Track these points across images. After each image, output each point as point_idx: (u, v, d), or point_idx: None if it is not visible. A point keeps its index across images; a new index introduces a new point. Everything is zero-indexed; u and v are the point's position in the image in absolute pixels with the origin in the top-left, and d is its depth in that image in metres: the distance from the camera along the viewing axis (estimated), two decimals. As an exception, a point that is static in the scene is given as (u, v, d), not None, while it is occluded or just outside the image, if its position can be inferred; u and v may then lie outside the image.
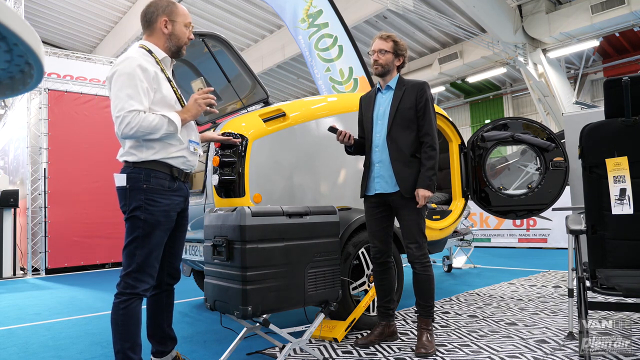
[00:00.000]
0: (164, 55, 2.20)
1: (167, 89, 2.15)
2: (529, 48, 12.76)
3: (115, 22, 15.19)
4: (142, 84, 2.02)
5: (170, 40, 2.20)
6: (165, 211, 2.13)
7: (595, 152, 2.40)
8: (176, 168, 2.16)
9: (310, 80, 15.91)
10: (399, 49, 2.79)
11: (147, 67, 2.06)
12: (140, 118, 1.98)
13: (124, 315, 2.05)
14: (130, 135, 2.01)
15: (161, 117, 2.04)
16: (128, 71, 2.02)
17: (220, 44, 3.40)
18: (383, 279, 2.85)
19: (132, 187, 2.08)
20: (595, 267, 2.36)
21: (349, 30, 6.01)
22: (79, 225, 7.35)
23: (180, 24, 2.19)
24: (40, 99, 7.38)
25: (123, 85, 2.00)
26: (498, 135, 4.18)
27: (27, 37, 0.59)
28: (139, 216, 2.07)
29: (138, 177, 2.08)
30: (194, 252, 3.50)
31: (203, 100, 2.17)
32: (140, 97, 2.01)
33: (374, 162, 2.79)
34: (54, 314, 4.14)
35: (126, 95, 1.99)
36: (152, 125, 2.01)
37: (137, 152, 2.10)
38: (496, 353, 2.53)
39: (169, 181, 2.14)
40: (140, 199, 2.07)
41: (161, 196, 2.11)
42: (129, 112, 1.97)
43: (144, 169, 2.09)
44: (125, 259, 2.09)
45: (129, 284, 2.07)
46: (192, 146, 2.24)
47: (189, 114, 2.15)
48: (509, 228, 8.42)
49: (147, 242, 2.08)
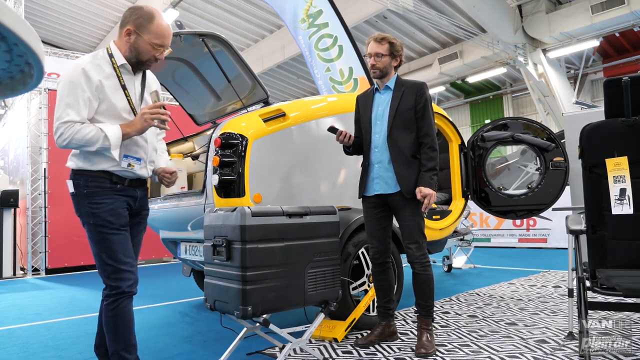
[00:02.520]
0: (123, 62, 2.09)
1: (119, 99, 2.06)
2: (529, 48, 12.77)
3: (115, 22, 15.18)
4: (83, 93, 1.96)
5: (130, 51, 2.08)
6: (111, 209, 2.07)
7: (595, 152, 2.40)
8: (115, 175, 2.09)
9: (310, 80, 15.91)
10: (395, 50, 2.76)
11: (91, 76, 1.98)
12: (74, 130, 1.93)
13: (114, 317, 2.04)
14: (64, 146, 1.96)
15: (98, 130, 1.96)
16: (71, 79, 1.96)
17: (220, 44, 3.40)
18: (382, 279, 2.85)
19: (76, 193, 2.07)
20: (595, 267, 2.36)
21: (349, 30, 6.02)
22: (79, 225, 7.16)
23: (145, 41, 2.05)
24: (40, 99, 7.38)
25: (64, 94, 1.95)
26: (498, 135, 4.18)
27: (27, 37, 0.59)
28: (87, 221, 2.07)
29: (78, 183, 2.06)
30: (194, 252, 3.50)
31: (150, 116, 2.03)
32: (79, 107, 1.95)
33: (373, 162, 2.78)
34: (54, 314, 4.14)
35: (65, 104, 1.94)
36: (85, 138, 1.94)
37: (75, 160, 2.08)
38: (496, 353, 2.53)
39: (109, 184, 2.08)
40: (85, 204, 2.05)
41: (103, 197, 2.06)
42: (63, 123, 1.92)
43: (82, 175, 2.06)
44: (98, 265, 2.08)
45: (112, 286, 2.05)
46: (126, 162, 2.10)
47: (133, 129, 2.04)
48: (509, 228, 8.42)
49: (107, 243, 2.05)
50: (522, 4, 12.52)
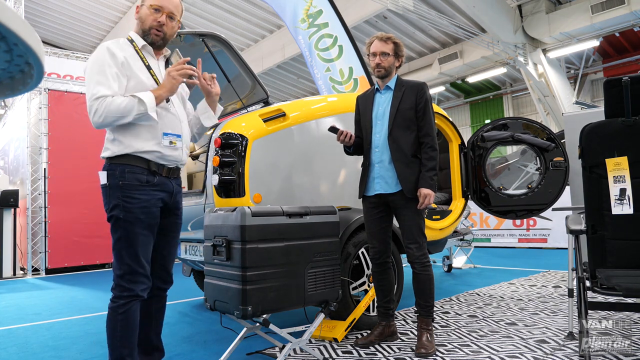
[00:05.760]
0: (143, 43, 2.11)
1: (146, 77, 2.06)
2: (529, 48, 12.76)
3: (115, 22, 15.19)
4: (110, 69, 1.95)
5: (137, 26, 2.12)
6: (144, 207, 2.01)
7: (595, 152, 2.40)
8: (154, 162, 2.04)
9: (310, 80, 15.91)
10: (399, 50, 2.79)
11: (116, 53, 1.99)
12: (107, 103, 1.90)
13: (123, 320, 1.97)
14: (101, 123, 1.92)
15: (130, 97, 1.94)
16: (96, 58, 1.97)
17: (220, 44, 3.39)
18: (382, 280, 2.85)
19: (110, 184, 1.99)
20: (595, 267, 2.36)
21: (349, 30, 6.02)
22: (79, 225, 7.34)
23: (145, 7, 2.09)
24: (40, 99, 7.38)
25: (92, 72, 1.95)
26: (498, 135, 4.18)
27: (27, 37, 0.59)
28: (117, 215, 1.98)
29: (114, 173, 1.99)
30: (194, 252, 3.50)
31: (177, 72, 2.03)
32: (109, 82, 1.93)
33: (373, 162, 2.79)
34: (54, 314, 4.14)
35: (95, 82, 1.93)
36: (120, 108, 1.91)
37: (110, 147, 2.02)
38: (496, 353, 2.53)
39: (146, 175, 2.02)
40: (118, 196, 1.97)
41: (139, 192, 2.00)
42: (96, 100, 1.90)
43: (119, 165, 1.99)
44: (115, 262, 2.01)
45: (125, 287, 1.98)
46: (167, 139, 2.07)
47: (164, 89, 2.02)
48: (509, 228, 8.42)
49: (132, 241, 1.99)
50: (522, 4, 12.52)
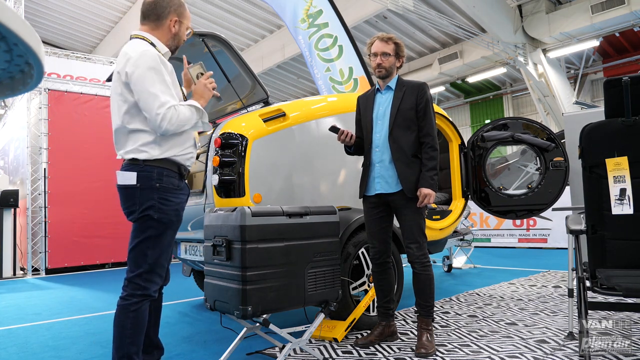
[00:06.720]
0: (166, 50, 2.14)
1: (177, 84, 2.15)
2: (529, 48, 12.76)
3: (115, 22, 15.19)
4: (167, 77, 2.01)
5: (173, 40, 2.16)
6: (176, 210, 2.09)
7: (595, 152, 2.40)
8: (183, 166, 2.13)
9: (310, 80, 15.91)
10: (400, 50, 2.80)
11: (164, 61, 2.04)
12: (176, 113, 1.96)
13: (135, 318, 1.97)
14: (172, 130, 1.98)
15: (188, 106, 2.03)
16: (153, 65, 1.96)
17: (220, 44, 3.39)
18: (382, 279, 2.85)
19: (143, 186, 1.99)
20: (595, 267, 2.36)
21: (349, 30, 6.02)
22: (79, 225, 7.35)
23: (184, 27, 2.18)
24: (40, 99, 7.38)
25: (154, 81, 1.95)
26: (498, 135, 4.18)
27: (27, 37, 0.59)
28: (152, 215, 2.00)
29: (150, 175, 2.00)
30: (194, 252, 3.50)
31: (210, 85, 2.15)
32: (170, 91, 1.99)
33: (374, 162, 2.79)
34: (54, 314, 4.14)
35: (160, 91, 1.95)
36: (186, 117, 2.00)
37: (149, 150, 2.02)
38: (496, 353, 2.53)
39: (177, 180, 2.11)
40: (154, 198, 2.00)
41: (173, 195, 2.06)
42: (168, 109, 1.94)
43: (156, 167, 2.02)
44: (135, 260, 2.01)
45: (140, 285, 1.99)
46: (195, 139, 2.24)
47: (203, 100, 2.11)
48: (509, 228, 8.42)
49: (159, 242, 2.03)
50: (522, 4, 12.52)
